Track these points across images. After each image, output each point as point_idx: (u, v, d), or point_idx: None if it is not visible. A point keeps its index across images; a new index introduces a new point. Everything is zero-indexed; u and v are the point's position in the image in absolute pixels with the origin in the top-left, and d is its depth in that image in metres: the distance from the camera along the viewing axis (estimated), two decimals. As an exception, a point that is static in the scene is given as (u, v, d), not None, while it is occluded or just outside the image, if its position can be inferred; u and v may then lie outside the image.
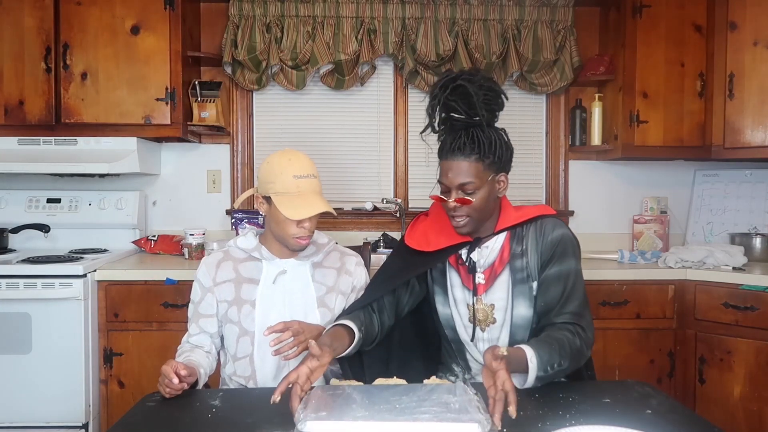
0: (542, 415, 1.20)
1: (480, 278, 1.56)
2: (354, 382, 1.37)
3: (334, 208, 1.59)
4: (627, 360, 2.49)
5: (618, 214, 3.14)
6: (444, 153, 1.50)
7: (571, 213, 3.12)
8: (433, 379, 1.37)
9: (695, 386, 2.48)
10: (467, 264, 1.58)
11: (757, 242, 2.70)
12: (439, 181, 1.52)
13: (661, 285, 2.51)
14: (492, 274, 1.56)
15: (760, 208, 2.89)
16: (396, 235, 2.98)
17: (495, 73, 2.97)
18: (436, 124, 1.55)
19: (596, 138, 2.99)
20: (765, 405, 2.32)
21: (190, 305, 1.66)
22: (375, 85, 3.09)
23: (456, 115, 1.49)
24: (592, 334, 1.47)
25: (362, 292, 1.67)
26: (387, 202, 2.96)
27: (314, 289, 1.62)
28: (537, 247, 1.53)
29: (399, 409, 1.14)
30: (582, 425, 1.12)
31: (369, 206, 2.96)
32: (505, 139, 1.52)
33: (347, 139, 3.11)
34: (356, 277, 1.69)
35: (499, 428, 1.09)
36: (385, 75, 3.10)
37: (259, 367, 1.57)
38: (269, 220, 1.58)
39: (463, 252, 1.59)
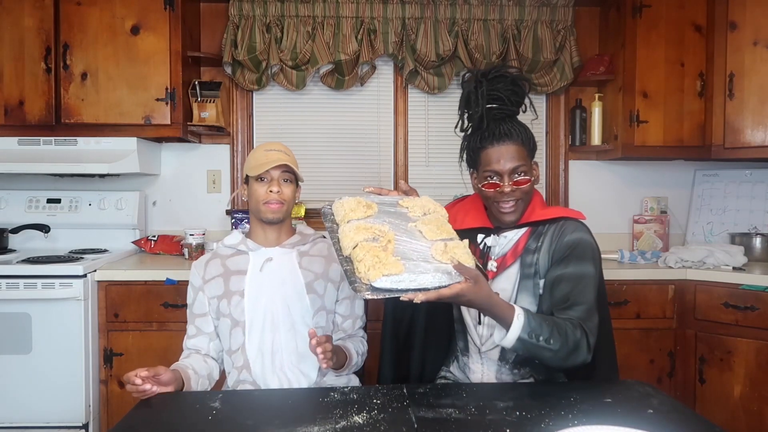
0: (544, 415, 1.20)
1: (492, 265, 1.57)
2: None
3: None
4: (627, 360, 2.49)
5: (618, 214, 3.15)
6: (489, 141, 1.50)
7: (571, 213, 3.12)
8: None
9: (695, 386, 2.48)
10: (482, 248, 1.59)
11: (757, 242, 2.71)
12: (487, 171, 1.51)
13: (661, 285, 2.51)
14: (502, 264, 1.57)
15: (760, 208, 2.89)
16: (396, 235, 2.97)
17: (495, 73, 2.97)
18: (475, 115, 1.53)
19: (596, 138, 2.99)
20: (765, 405, 2.32)
21: (187, 309, 1.69)
22: (375, 85, 3.09)
23: (498, 105, 1.52)
24: (594, 340, 1.42)
25: None
26: (387, 202, 2.95)
27: (302, 275, 1.64)
28: (551, 246, 1.52)
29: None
30: (584, 425, 1.12)
31: (369, 206, 2.96)
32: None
33: (347, 139, 3.11)
34: None
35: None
36: (385, 75, 3.09)
37: (251, 355, 1.58)
38: (249, 202, 1.66)
39: (480, 236, 1.60)
